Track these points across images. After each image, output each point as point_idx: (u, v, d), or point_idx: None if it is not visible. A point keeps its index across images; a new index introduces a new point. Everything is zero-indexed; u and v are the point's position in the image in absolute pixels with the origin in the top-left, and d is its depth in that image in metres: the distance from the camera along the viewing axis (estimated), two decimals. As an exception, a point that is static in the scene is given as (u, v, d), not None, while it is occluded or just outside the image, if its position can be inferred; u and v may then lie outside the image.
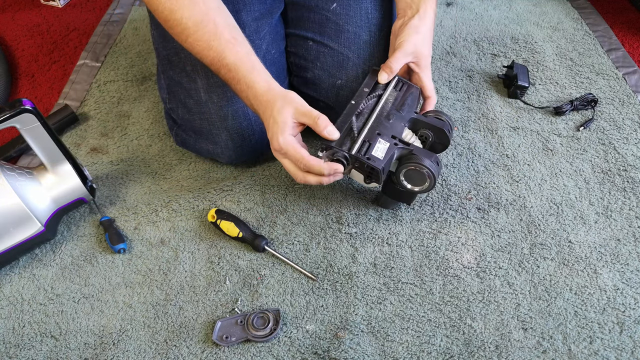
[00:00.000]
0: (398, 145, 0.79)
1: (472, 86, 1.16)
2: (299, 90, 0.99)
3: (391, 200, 0.88)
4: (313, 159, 0.74)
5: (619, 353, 0.73)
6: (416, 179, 0.79)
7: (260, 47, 0.92)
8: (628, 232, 0.87)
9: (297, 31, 0.98)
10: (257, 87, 0.77)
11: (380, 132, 0.79)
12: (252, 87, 0.77)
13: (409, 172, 0.79)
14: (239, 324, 0.76)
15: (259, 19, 0.92)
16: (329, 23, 0.95)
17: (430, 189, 0.80)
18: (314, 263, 0.85)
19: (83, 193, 0.87)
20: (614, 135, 1.03)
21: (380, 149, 0.77)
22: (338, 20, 0.95)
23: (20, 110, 0.75)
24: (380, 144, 0.78)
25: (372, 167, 0.76)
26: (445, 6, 1.41)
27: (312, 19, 0.97)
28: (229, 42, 0.77)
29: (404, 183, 0.80)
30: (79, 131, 1.10)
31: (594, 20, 1.33)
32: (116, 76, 1.22)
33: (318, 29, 0.96)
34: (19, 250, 0.83)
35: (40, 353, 0.76)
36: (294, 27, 0.99)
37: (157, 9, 0.78)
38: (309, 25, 0.97)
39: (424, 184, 0.80)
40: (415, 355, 0.74)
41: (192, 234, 0.89)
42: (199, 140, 0.95)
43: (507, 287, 0.81)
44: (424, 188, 0.80)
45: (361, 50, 0.94)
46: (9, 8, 1.47)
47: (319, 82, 0.96)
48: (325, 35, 0.95)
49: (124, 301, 0.81)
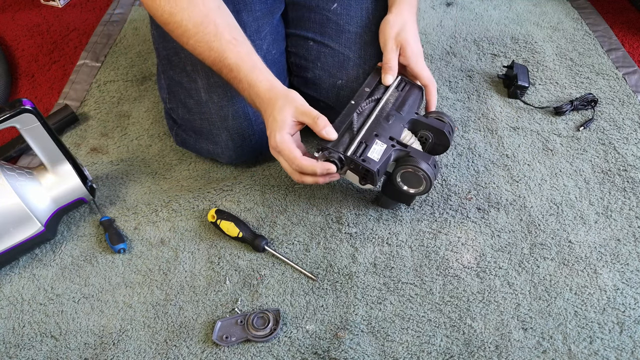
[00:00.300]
0: (395, 147, 0.78)
1: (472, 86, 1.16)
2: (299, 90, 0.99)
3: (391, 200, 0.88)
4: (305, 159, 0.75)
5: (619, 353, 0.73)
6: (412, 181, 0.79)
7: (261, 47, 0.92)
8: (628, 232, 0.87)
9: (298, 31, 0.98)
10: (259, 86, 0.77)
11: (378, 134, 0.79)
12: (254, 86, 0.77)
13: (406, 175, 0.79)
14: (239, 324, 0.76)
15: (260, 18, 0.92)
16: (329, 23, 0.95)
17: (427, 191, 0.80)
18: (314, 263, 0.85)
19: (83, 193, 0.87)
20: (614, 135, 1.03)
21: (376, 151, 0.77)
22: (339, 20, 0.95)
23: (20, 110, 0.75)
24: (377, 146, 0.78)
25: (366, 169, 0.76)
26: (445, 6, 1.41)
27: (313, 19, 0.97)
28: (229, 43, 0.77)
29: (400, 185, 0.80)
30: (79, 131, 1.10)
31: (594, 20, 1.33)
32: (116, 76, 1.22)
33: (319, 29, 0.96)
34: (19, 250, 0.83)
35: (40, 353, 0.76)
36: (294, 27, 0.99)
37: (157, 13, 0.79)
38: (310, 25, 0.97)
39: (420, 187, 0.80)
40: (415, 355, 0.74)
41: (192, 234, 0.89)
42: (199, 140, 0.95)
43: (507, 287, 0.81)
44: (420, 190, 0.80)
45: (362, 50, 0.94)
46: (9, 8, 1.47)
47: (320, 82, 0.96)
48: (326, 35, 0.95)
49: (124, 301, 0.81)
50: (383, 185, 0.86)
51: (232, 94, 0.88)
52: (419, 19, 1.36)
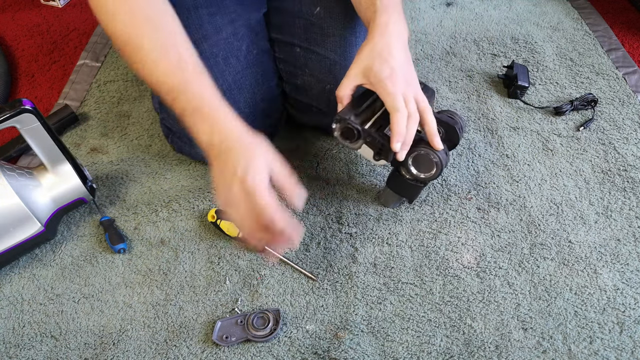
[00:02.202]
0: None
1: (472, 86, 1.16)
2: (291, 97, 0.99)
3: (393, 195, 0.88)
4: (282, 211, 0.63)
5: (619, 353, 0.73)
6: (424, 165, 0.79)
7: (240, 49, 0.90)
8: (628, 232, 0.87)
9: (284, 37, 0.98)
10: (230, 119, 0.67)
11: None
12: (223, 118, 0.67)
13: (418, 157, 0.79)
14: (239, 324, 0.76)
15: (236, 20, 0.91)
16: (313, 28, 0.95)
17: (436, 177, 0.80)
18: (314, 263, 0.85)
19: (83, 193, 0.87)
20: (614, 135, 1.03)
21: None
22: (322, 24, 0.94)
23: (20, 110, 0.75)
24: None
25: (382, 143, 0.76)
26: (445, 6, 1.41)
27: (297, 24, 0.96)
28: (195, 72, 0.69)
29: (411, 168, 0.81)
30: (79, 131, 1.10)
31: (594, 20, 1.33)
32: (116, 76, 1.22)
33: (303, 34, 0.95)
34: (19, 250, 0.83)
35: (40, 353, 0.76)
36: (280, 33, 0.98)
37: (115, 34, 0.70)
38: (295, 31, 0.96)
39: (430, 171, 0.80)
40: (415, 355, 0.74)
41: (192, 234, 0.89)
42: (194, 146, 0.94)
43: (507, 287, 0.81)
44: (430, 176, 0.80)
45: (347, 52, 0.94)
46: (9, 8, 1.47)
47: (309, 88, 0.96)
48: (312, 40, 0.95)
49: (124, 301, 0.81)
50: (388, 178, 0.87)
51: None
52: (419, 19, 1.36)
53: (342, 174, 0.97)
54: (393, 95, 0.73)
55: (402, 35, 0.78)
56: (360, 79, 0.76)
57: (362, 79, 0.76)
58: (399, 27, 0.77)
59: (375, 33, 0.76)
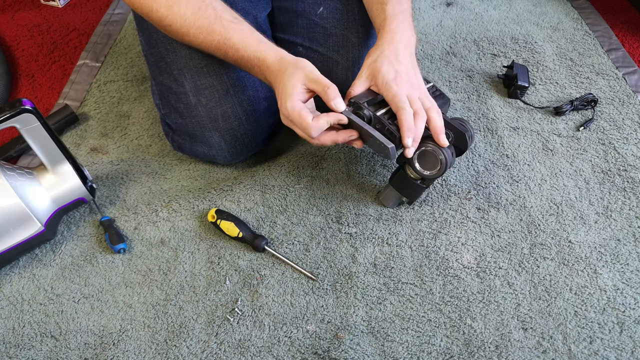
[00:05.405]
0: None
1: (472, 86, 1.16)
2: None
3: (395, 194, 0.88)
4: (315, 122, 0.73)
5: (619, 353, 0.73)
6: (429, 162, 0.80)
7: None
8: (628, 232, 0.87)
9: (287, 36, 0.98)
10: (268, 58, 0.77)
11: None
12: (263, 60, 0.77)
13: (425, 153, 0.80)
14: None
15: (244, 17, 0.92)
16: (316, 27, 0.95)
17: (440, 175, 0.80)
18: (314, 263, 0.85)
19: (83, 193, 0.87)
20: (614, 135, 1.03)
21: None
22: (325, 24, 0.95)
23: (20, 110, 0.75)
24: None
25: (391, 132, 0.77)
26: (445, 6, 1.41)
27: (300, 24, 0.97)
28: (231, 23, 0.78)
29: (415, 164, 0.81)
30: (79, 131, 1.10)
31: (594, 20, 1.33)
32: (116, 76, 1.22)
33: (306, 34, 0.96)
34: (19, 250, 0.83)
35: (40, 353, 0.76)
36: (283, 32, 0.99)
37: (152, 10, 0.79)
38: (298, 30, 0.97)
39: (434, 169, 0.80)
40: (415, 355, 0.74)
41: (192, 234, 0.89)
42: (195, 144, 0.95)
43: (507, 287, 0.81)
44: (433, 174, 0.81)
45: (349, 53, 0.94)
46: (9, 8, 1.47)
47: None
48: (314, 40, 0.96)
49: (124, 301, 0.81)
50: (392, 175, 0.87)
51: (220, 95, 0.87)
52: (419, 19, 1.36)
53: (342, 174, 0.97)
54: (398, 96, 0.76)
55: (409, 42, 0.82)
56: (369, 81, 0.81)
57: (370, 81, 0.80)
58: (407, 34, 0.82)
59: (384, 40, 0.81)
